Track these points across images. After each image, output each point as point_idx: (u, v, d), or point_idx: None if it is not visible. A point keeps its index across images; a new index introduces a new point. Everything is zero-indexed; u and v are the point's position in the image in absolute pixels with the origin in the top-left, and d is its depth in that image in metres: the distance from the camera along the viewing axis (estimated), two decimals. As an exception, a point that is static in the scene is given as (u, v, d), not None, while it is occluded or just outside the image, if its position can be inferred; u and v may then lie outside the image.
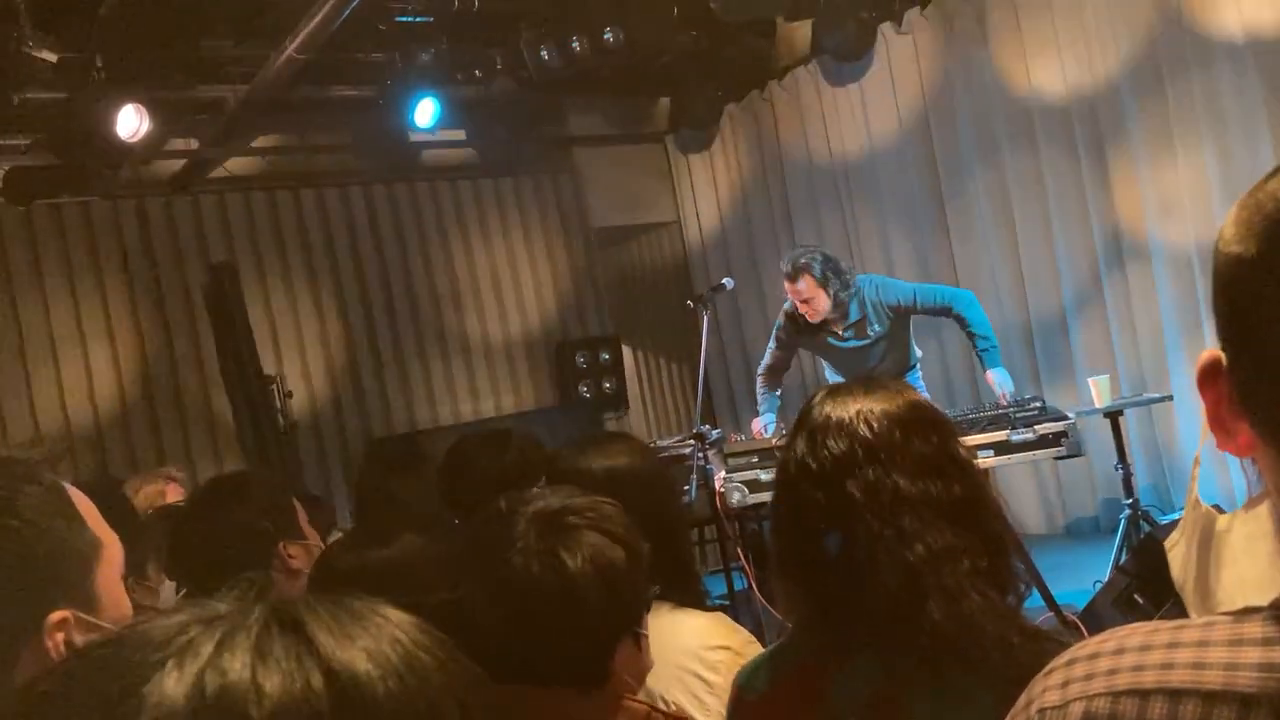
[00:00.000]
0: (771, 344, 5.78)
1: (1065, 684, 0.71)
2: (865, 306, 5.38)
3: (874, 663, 1.45)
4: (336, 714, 0.54)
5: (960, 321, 5.35)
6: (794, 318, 5.53)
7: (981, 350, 5.30)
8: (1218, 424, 0.73)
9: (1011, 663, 1.37)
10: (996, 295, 6.97)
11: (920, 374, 5.80)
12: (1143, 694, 0.66)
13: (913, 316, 5.52)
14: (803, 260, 5.28)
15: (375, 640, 0.58)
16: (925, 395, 5.40)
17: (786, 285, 5.35)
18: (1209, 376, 0.72)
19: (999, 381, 5.22)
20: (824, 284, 5.26)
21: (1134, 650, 0.69)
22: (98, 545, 1.14)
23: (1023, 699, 0.74)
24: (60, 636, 1.07)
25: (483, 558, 1.41)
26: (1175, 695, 0.65)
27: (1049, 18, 6.56)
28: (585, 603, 1.36)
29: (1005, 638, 1.39)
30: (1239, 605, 0.68)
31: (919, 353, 5.77)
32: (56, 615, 1.07)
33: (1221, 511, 1.54)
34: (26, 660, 1.05)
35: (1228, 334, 0.71)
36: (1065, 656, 0.73)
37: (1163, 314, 6.28)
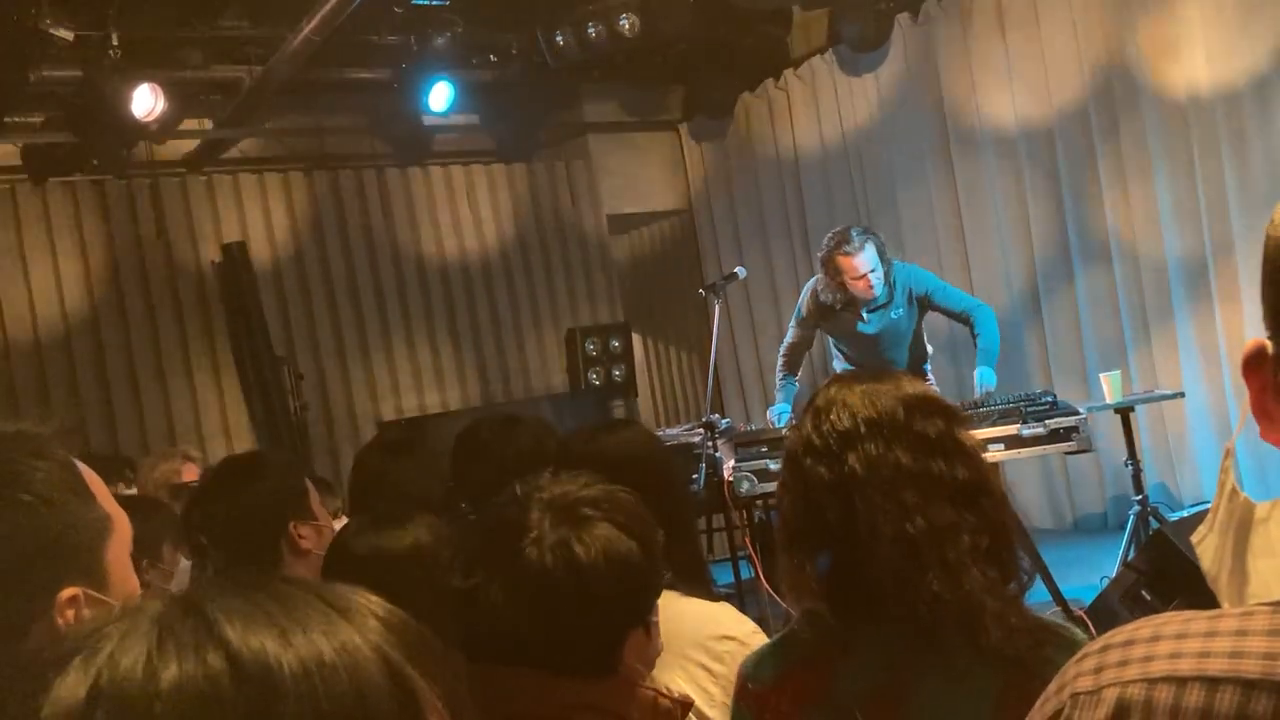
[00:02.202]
0: (793, 323, 5.75)
1: (1099, 669, 0.69)
2: (894, 289, 5.34)
3: (878, 653, 1.45)
4: (241, 694, 0.53)
5: (971, 330, 5.36)
6: (820, 299, 5.47)
7: (981, 350, 5.31)
8: (1262, 412, 0.72)
9: (1011, 643, 1.39)
10: (1009, 289, 6.96)
11: (930, 369, 5.78)
12: (1179, 681, 0.65)
13: (927, 312, 5.49)
14: (859, 232, 5.24)
15: (299, 625, 0.57)
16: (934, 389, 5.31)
17: (844, 260, 5.21)
18: (1254, 364, 0.71)
19: (983, 375, 5.23)
20: (881, 255, 5.25)
21: (1170, 638, 0.68)
22: (108, 522, 1.14)
23: (1054, 683, 0.72)
24: (71, 613, 1.06)
25: (496, 546, 1.41)
26: (1213, 683, 0.64)
27: (1067, 10, 6.52)
28: (597, 596, 1.36)
29: (1005, 615, 1.41)
30: (1276, 596, 0.68)
31: (930, 349, 5.76)
32: (68, 592, 1.06)
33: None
34: (37, 636, 1.04)
35: (1275, 320, 0.70)
36: (1099, 643, 0.72)
37: (1175, 310, 6.26)
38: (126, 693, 0.53)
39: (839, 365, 5.69)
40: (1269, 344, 0.71)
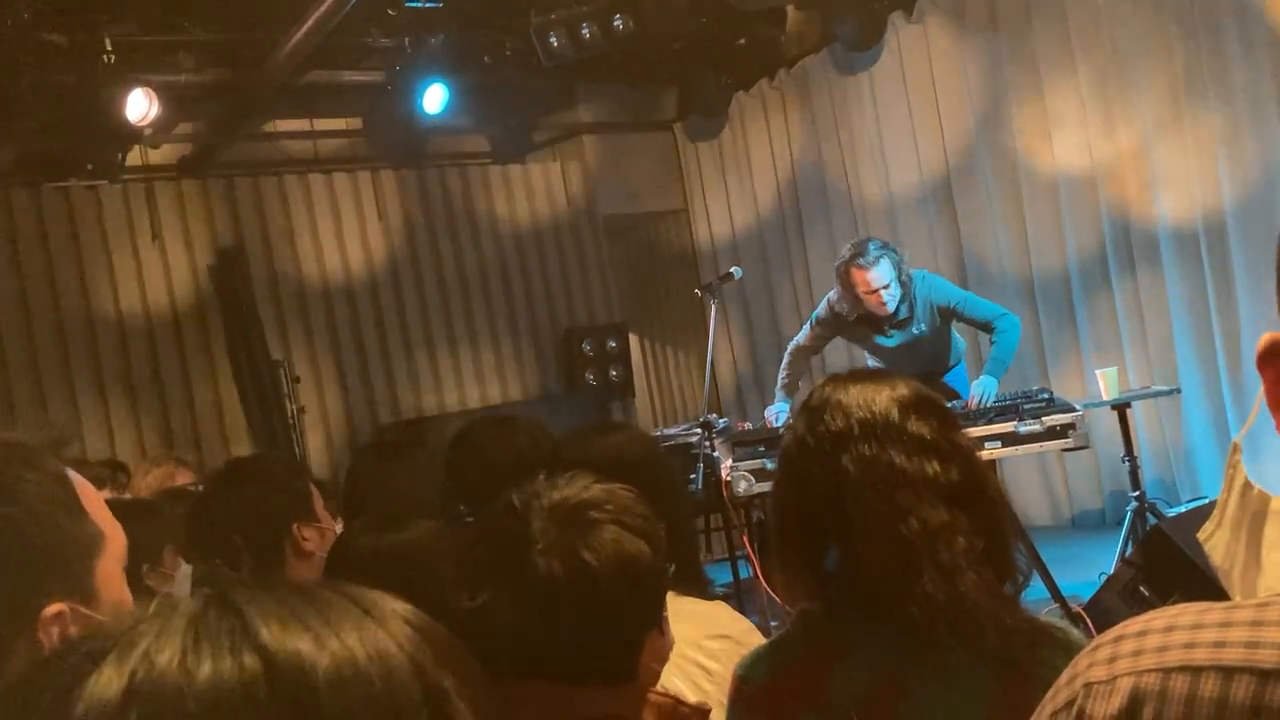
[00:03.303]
0: (809, 324, 5.61)
1: (1113, 659, 0.70)
2: (915, 304, 5.19)
3: (874, 655, 1.45)
4: (275, 695, 0.53)
5: (991, 337, 5.22)
6: (836, 311, 5.34)
7: (991, 358, 5.17)
8: (1277, 406, 0.73)
9: (1007, 644, 1.38)
10: (1004, 284, 6.96)
11: (965, 365, 5.67)
12: (1195, 671, 0.65)
13: (953, 321, 5.36)
14: (876, 246, 5.08)
15: (332, 627, 0.57)
16: (967, 390, 5.10)
17: (857, 274, 5.07)
18: (1269, 358, 0.72)
19: (981, 386, 5.03)
20: (898, 269, 5.08)
21: (1185, 628, 0.68)
22: (99, 537, 1.11)
23: (1065, 674, 0.73)
24: (56, 630, 1.04)
25: (502, 559, 1.37)
26: (1229, 673, 0.64)
27: (1060, 9, 6.53)
28: (612, 602, 1.34)
29: (1000, 617, 1.40)
30: None
31: (963, 344, 5.64)
32: (52, 608, 1.04)
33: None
34: (19, 653, 1.02)
35: None
36: (1112, 633, 0.72)
37: (1171, 307, 6.26)
38: (161, 690, 0.52)
39: (871, 364, 5.62)
40: None
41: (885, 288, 5.07)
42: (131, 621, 0.56)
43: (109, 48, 5.85)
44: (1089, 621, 4.00)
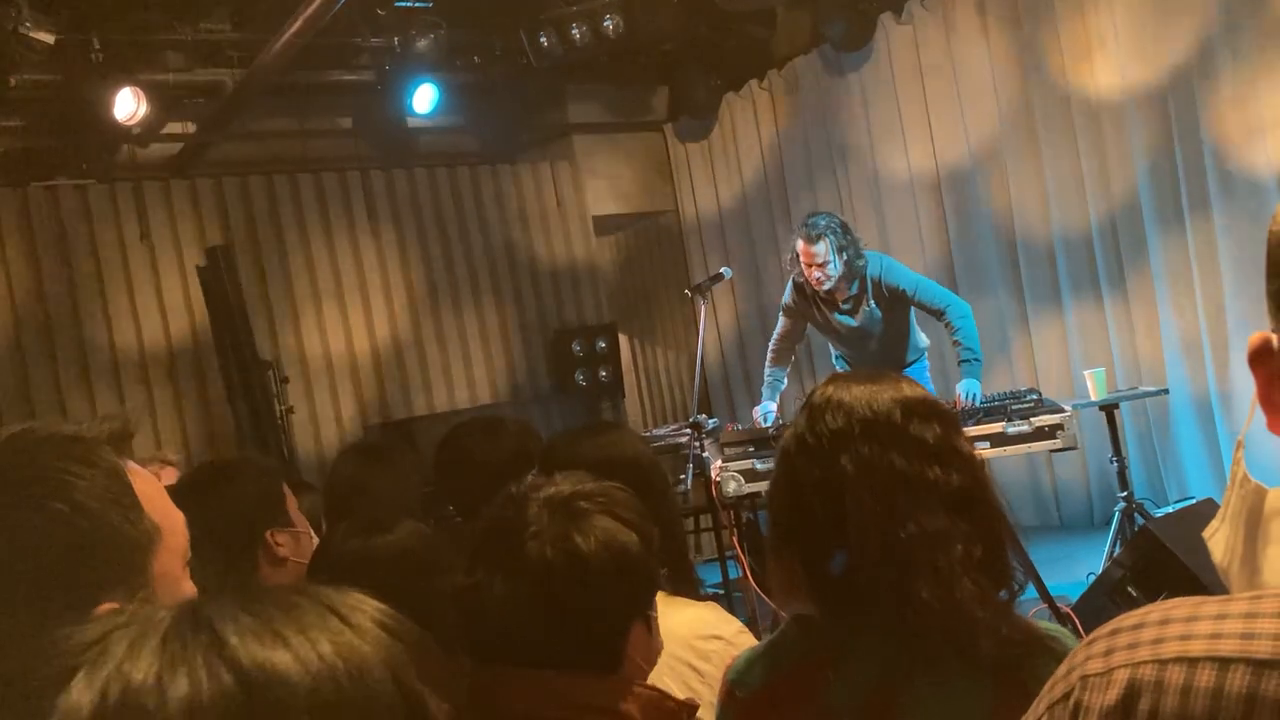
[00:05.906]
0: (780, 315, 5.76)
1: (1109, 652, 0.70)
2: (866, 283, 5.32)
3: (870, 663, 1.43)
4: (253, 710, 0.53)
5: (949, 328, 5.28)
6: (801, 289, 5.49)
7: (962, 360, 5.21)
8: (1269, 404, 0.74)
9: (1003, 654, 1.36)
10: (993, 287, 6.97)
11: (927, 364, 5.74)
12: (1190, 662, 0.66)
13: (910, 308, 5.47)
14: (824, 223, 5.27)
15: (307, 636, 0.56)
16: (930, 387, 5.25)
17: (802, 245, 5.27)
18: (1261, 357, 0.73)
19: (965, 389, 5.10)
20: (841, 250, 5.23)
21: (1180, 620, 0.69)
22: (155, 533, 1.10)
23: (1063, 667, 0.73)
24: None
25: (496, 543, 1.42)
26: (1224, 663, 0.65)
27: (1050, 13, 6.55)
28: (599, 586, 1.38)
29: (996, 626, 1.38)
30: None
31: (925, 341, 5.70)
32: (104, 608, 1.02)
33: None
34: None
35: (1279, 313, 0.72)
36: (1108, 627, 0.72)
37: (1159, 307, 6.29)
38: (135, 709, 0.52)
39: (839, 366, 5.68)
40: (1274, 337, 0.73)
41: (822, 265, 5.23)
42: (100, 632, 0.55)
43: (97, 46, 5.82)
44: (1078, 622, 4.02)
